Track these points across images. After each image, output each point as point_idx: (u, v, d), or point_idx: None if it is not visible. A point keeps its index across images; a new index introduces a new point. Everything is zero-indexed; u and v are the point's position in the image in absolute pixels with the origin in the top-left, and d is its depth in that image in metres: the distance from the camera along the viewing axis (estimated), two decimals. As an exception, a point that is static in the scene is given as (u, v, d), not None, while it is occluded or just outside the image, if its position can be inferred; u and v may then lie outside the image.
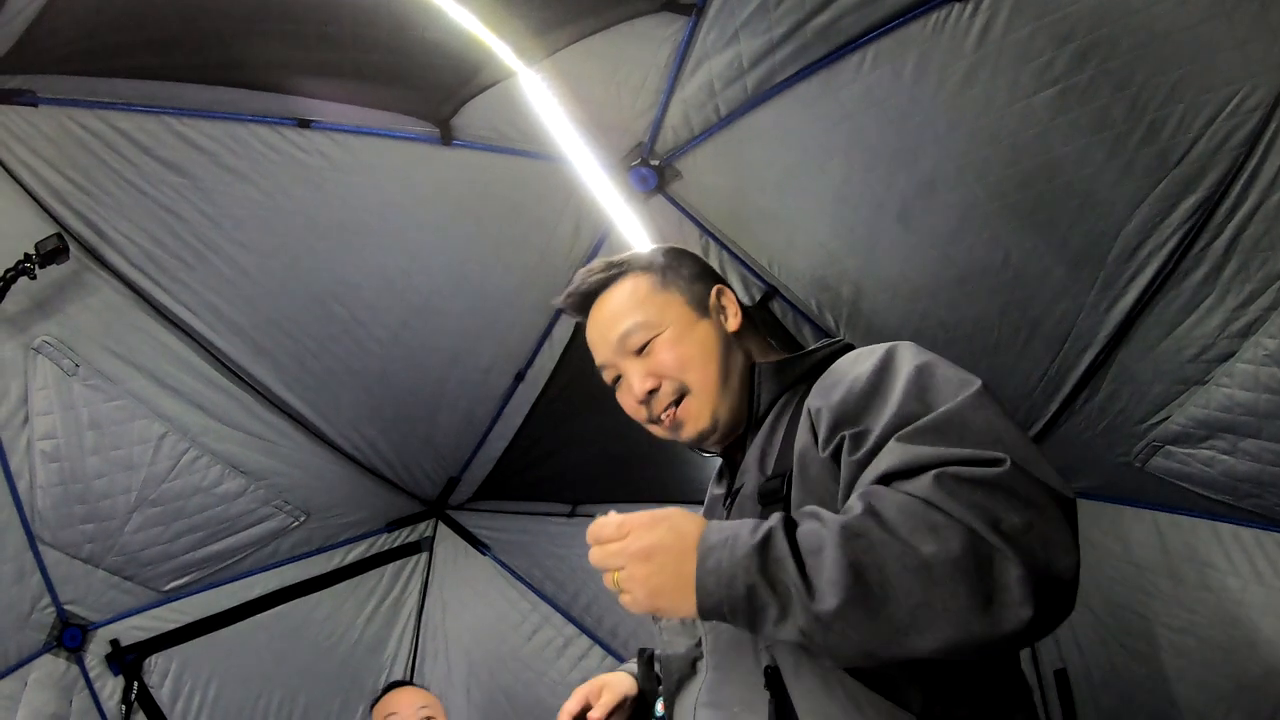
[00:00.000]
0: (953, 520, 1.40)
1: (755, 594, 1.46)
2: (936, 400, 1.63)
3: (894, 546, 1.40)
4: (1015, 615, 1.38)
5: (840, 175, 3.22)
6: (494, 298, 3.92)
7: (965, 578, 1.38)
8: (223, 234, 3.43)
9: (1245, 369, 2.83)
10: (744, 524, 1.53)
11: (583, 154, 3.28)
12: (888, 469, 1.52)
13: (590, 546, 1.62)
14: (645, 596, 1.55)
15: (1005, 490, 1.44)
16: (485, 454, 4.63)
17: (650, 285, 2.16)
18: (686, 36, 3.03)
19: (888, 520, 1.43)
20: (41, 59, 2.89)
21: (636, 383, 2.08)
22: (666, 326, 2.09)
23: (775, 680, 1.67)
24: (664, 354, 2.07)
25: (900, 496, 1.45)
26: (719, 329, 2.12)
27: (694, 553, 1.51)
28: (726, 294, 2.19)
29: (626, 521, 1.57)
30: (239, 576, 4.28)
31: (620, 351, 2.11)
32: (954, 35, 2.72)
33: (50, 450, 3.45)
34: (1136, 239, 2.87)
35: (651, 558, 1.53)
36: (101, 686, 3.85)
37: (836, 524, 1.45)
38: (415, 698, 4.05)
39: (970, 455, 1.49)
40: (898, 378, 1.70)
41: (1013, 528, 1.40)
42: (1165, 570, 3.42)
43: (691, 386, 2.05)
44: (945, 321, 3.39)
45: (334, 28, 2.95)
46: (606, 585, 1.62)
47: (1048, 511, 1.45)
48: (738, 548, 1.48)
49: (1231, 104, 2.50)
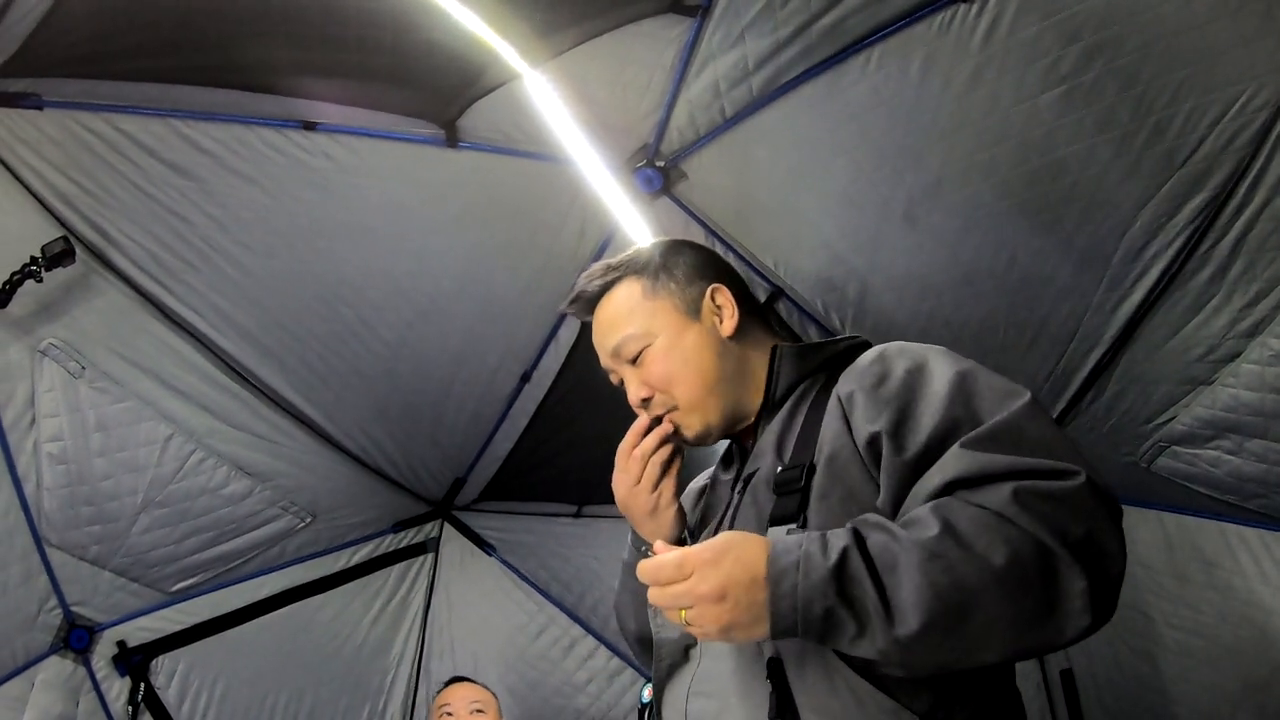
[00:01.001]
0: (1025, 533, 1.43)
1: (833, 615, 1.46)
2: (982, 407, 1.65)
3: (971, 564, 1.43)
4: (1077, 623, 1.44)
5: (846, 175, 3.21)
6: (500, 299, 3.92)
7: (1034, 589, 1.43)
8: (228, 236, 3.43)
9: (1251, 369, 2.82)
10: (812, 541, 1.51)
11: (588, 155, 3.28)
12: (956, 476, 1.54)
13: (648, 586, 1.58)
14: (718, 632, 1.52)
15: (1074, 503, 1.48)
16: (491, 455, 4.63)
17: (642, 292, 2.15)
18: (692, 37, 3.03)
19: (964, 537, 1.45)
20: (47, 62, 2.89)
21: (631, 391, 2.10)
22: (657, 336, 2.08)
23: (777, 672, 1.66)
24: (653, 367, 2.07)
25: (973, 510, 1.47)
26: (711, 333, 2.10)
27: (765, 581, 1.49)
28: (722, 293, 2.14)
29: (687, 560, 1.53)
30: (246, 577, 4.28)
31: (617, 360, 2.13)
32: (960, 35, 2.71)
33: (57, 452, 3.45)
34: (1143, 239, 2.87)
35: (725, 597, 1.50)
36: (108, 688, 3.85)
37: (913, 542, 1.46)
38: (469, 692, 4.18)
39: (1043, 467, 1.52)
40: (939, 381, 1.72)
41: (1078, 540, 1.45)
42: (1171, 570, 3.42)
43: (679, 401, 2.05)
44: (951, 321, 3.39)
45: (338, 30, 2.95)
46: (671, 620, 1.60)
47: (1106, 522, 1.51)
48: (812, 571, 1.47)
49: (1238, 104, 2.49)
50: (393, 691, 4.80)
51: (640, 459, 2.03)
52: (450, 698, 4.14)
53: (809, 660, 1.64)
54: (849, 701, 1.59)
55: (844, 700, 1.60)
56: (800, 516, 1.73)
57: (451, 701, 4.11)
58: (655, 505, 2.06)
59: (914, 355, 1.80)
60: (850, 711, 1.59)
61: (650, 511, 2.07)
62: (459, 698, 4.14)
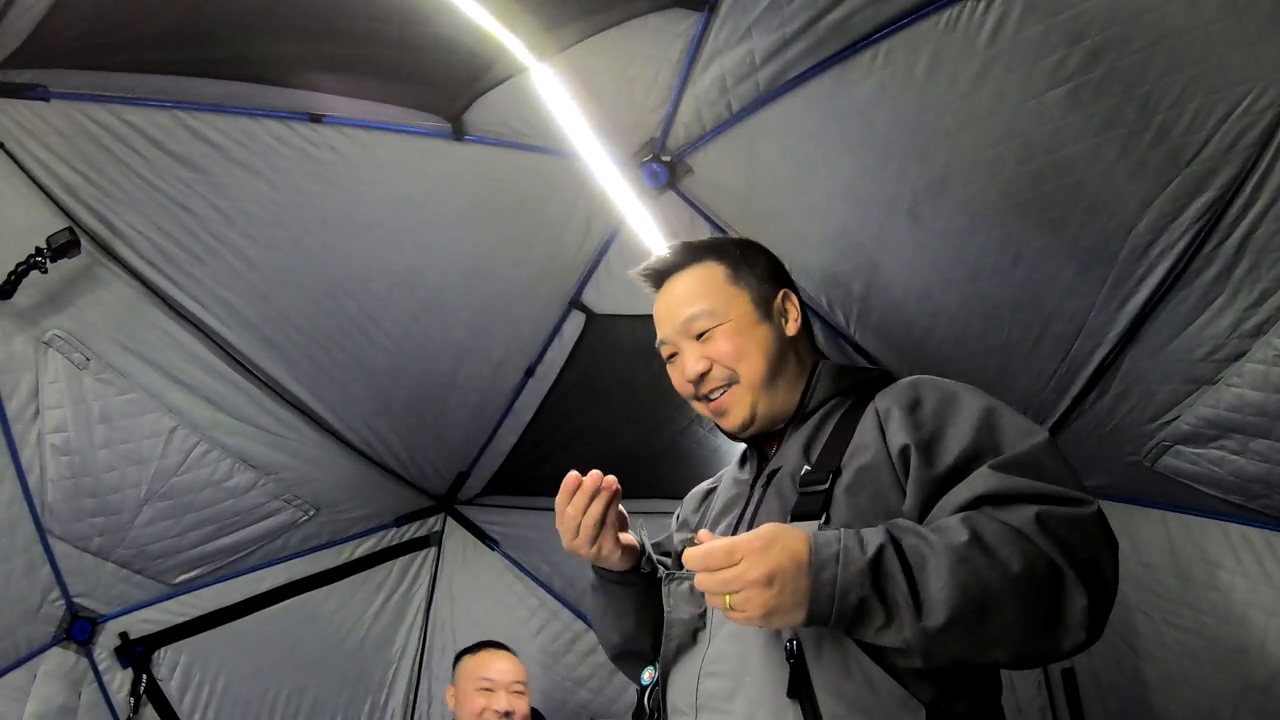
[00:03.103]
0: (1040, 551, 1.62)
1: (866, 605, 1.61)
2: (1004, 439, 1.84)
3: (994, 570, 1.59)
4: (1074, 638, 1.62)
5: (852, 172, 3.22)
6: (505, 293, 3.93)
7: (1044, 599, 1.61)
8: (234, 228, 3.43)
9: (1256, 369, 2.82)
10: (850, 537, 1.66)
11: (594, 149, 3.28)
12: (986, 492, 1.72)
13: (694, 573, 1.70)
14: (761, 617, 1.64)
15: (1085, 529, 1.68)
16: (494, 449, 4.65)
17: (723, 277, 2.29)
18: (699, 32, 3.03)
19: (989, 545, 1.62)
20: (53, 54, 2.89)
21: (690, 363, 2.23)
22: (729, 319, 2.22)
23: (797, 656, 1.77)
24: (722, 342, 2.20)
25: (998, 524, 1.65)
26: (777, 331, 2.26)
27: (808, 570, 1.62)
28: (791, 299, 2.32)
29: (737, 547, 1.63)
30: (248, 570, 4.29)
31: (682, 333, 2.26)
32: (967, 32, 2.71)
33: (60, 444, 3.45)
34: (1148, 238, 2.86)
35: (772, 582, 1.61)
36: (110, 679, 3.86)
37: (944, 546, 1.63)
38: (511, 668, 4.05)
39: (1061, 494, 1.71)
40: (968, 410, 1.90)
41: (1083, 563, 1.64)
42: (1174, 570, 3.42)
43: (741, 377, 2.19)
44: (956, 318, 3.39)
45: (345, 22, 2.95)
46: (713, 604, 1.71)
47: (1108, 551, 1.70)
48: (851, 563, 1.62)
49: (1243, 104, 2.49)
50: (395, 685, 4.81)
51: (574, 517, 2.11)
52: (491, 670, 3.98)
53: (825, 646, 1.77)
54: (862, 685, 1.72)
55: (858, 684, 1.72)
56: (823, 515, 1.87)
57: (493, 676, 3.95)
58: (597, 554, 2.18)
59: (946, 387, 2.00)
60: (863, 694, 1.72)
61: (594, 557, 2.20)
62: (500, 672, 3.98)
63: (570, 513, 2.10)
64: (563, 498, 2.11)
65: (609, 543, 2.16)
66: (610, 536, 2.16)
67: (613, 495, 2.11)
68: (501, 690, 3.91)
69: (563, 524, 2.14)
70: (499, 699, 3.88)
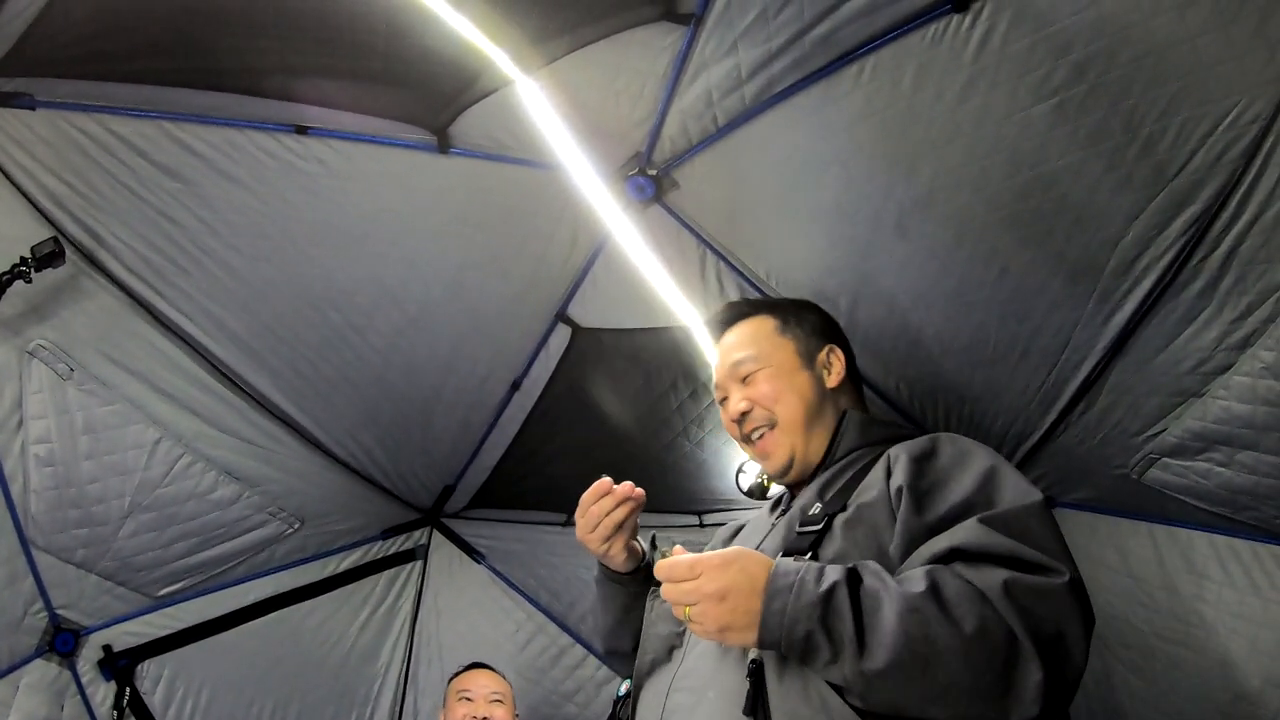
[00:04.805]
0: (1000, 618, 1.64)
1: (812, 639, 1.67)
2: (1001, 496, 1.89)
3: (944, 626, 1.62)
4: (1024, 712, 1.62)
5: (838, 186, 3.22)
6: (491, 306, 3.92)
7: (995, 670, 1.62)
8: (219, 240, 3.42)
9: (1242, 381, 2.82)
10: (809, 570, 1.74)
11: (580, 163, 3.28)
12: (961, 544, 1.77)
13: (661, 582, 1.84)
14: (715, 630, 1.76)
15: (1054, 601, 1.68)
16: (480, 463, 4.63)
17: (772, 328, 2.56)
18: (685, 46, 3.03)
19: (946, 602, 1.65)
20: (39, 62, 2.89)
21: (733, 403, 2.47)
22: (771, 365, 2.46)
23: (757, 673, 1.83)
24: (763, 385, 2.43)
25: (961, 583, 1.69)
26: (817, 381, 2.47)
27: (761, 594, 1.72)
28: (836, 353, 2.54)
29: (699, 563, 1.78)
30: (233, 583, 4.27)
31: (730, 376, 2.51)
32: (953, 47, 2.72)
33: (44, 454, 3.44)
34: (1134, 251, 2.87)
35: (725, 599, 1.73)
36: (94, 692, 3.84)
37: (898, 594, 1.67)
38: (489, 681, 4.21)
39: (1038, 560, 1.73)
40: (975, 468, 1.97)
41: (1047, 637, 1.64)
42: (1162, 582, 3.42)
43: (779, 419, 2.40)
44: (942, 332, 3.39)
45: (332, 34, 2.95)
46: (676, 615, 1.83)
47: (1078, 627, 1.70)
48: (803, 595, 1.70)
49: (1229, 117, 2.49)
50: (380, 699, 4.79)
51: (597, 515, 2.31)
52: (470, 684, 4.15)
53: (788, 669, 1.80)
54: (818, 710, 1.75)
55: (814, 709, 1.76)
56: (809, 553, 1.95)
57: (471, 688, 4.12)
58: (605, 553, 2.39)
59: (963, 445, 2.09)
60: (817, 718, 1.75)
61: (602, 554, 2.41)
62: (479, 685, 4.15)
63: (595, 511, 2.31)
64: (591, 495, 2.33)
65: (619, 545, 2.36)
66: (622, 540, 2.36)
67: (637, 505, 2.30)
68: (480, 700, 4.06)
69: (584, 517, 2.34)
70: (477, 707, 4.03)
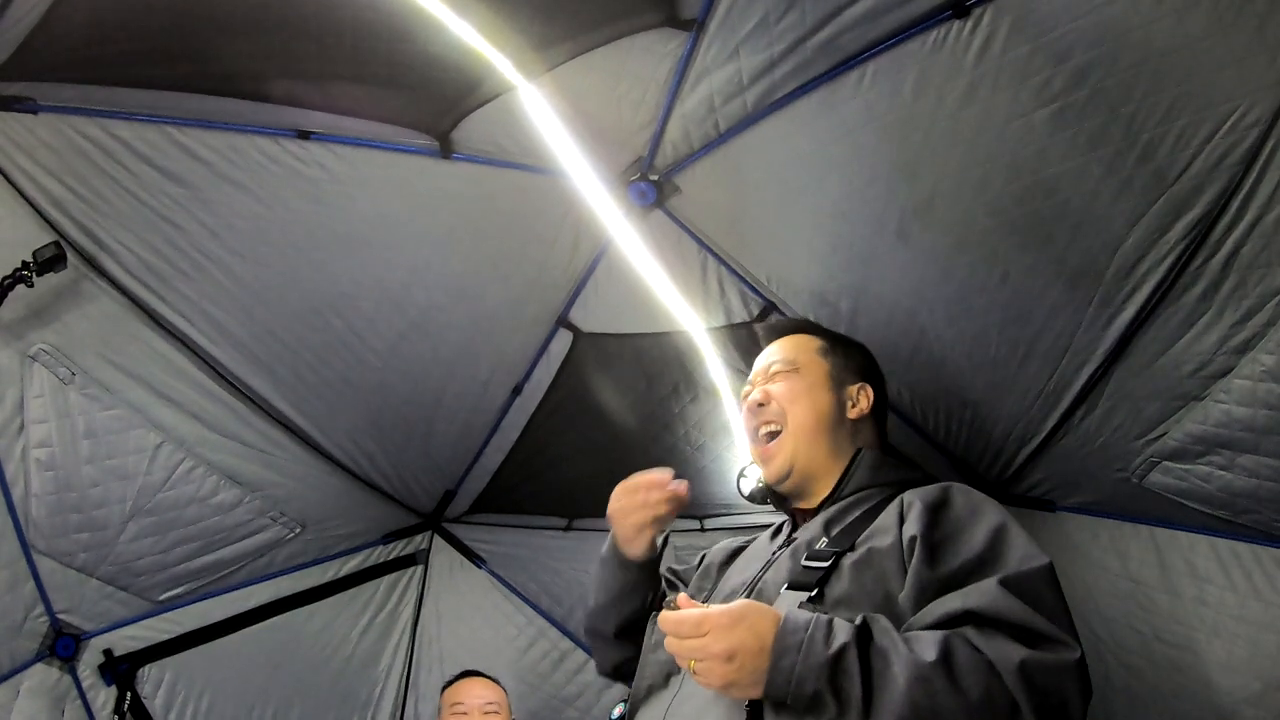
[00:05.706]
0: (1007, 692, 1.66)
1: (820, 698, 1.68)
2: (1009, 556, 1.91)
3: (951, 698, 1.64)
4: None
5: (839, 191, 3.22)
6: (492, 311, 3.93)
7: None
8: (221, 244, 3.43)
9: (1243, 385, 2.82)
10: (818, 628, 1.74)
11: (582, 168, 3.29)
12: (975, 607, 1.78)
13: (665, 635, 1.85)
14: (720, 685, 1.77)
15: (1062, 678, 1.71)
16: (482, 467, 4.63)
17: (815, 347, 2.67)
18: (687, 52, 3.04)
19: (956, 672, 1.67)
20: (42, 66, 2.89)
21: (754, 392, 2.57)
22: (801, 373, 2.55)
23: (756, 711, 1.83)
24: (784, 384, 2.53)
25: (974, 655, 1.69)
26: (838, 406, 2.53)
27: (770, 652, 1.72)
28: (866, 391, 2.61)
29: (706, 620, 1.77)
30: (234, 587, 4.27)
31: (763, 375, 2.62)
32: (954, 52, 2.72)
33: (45, 458, 3.44)
34: (1134, 255, 2.87)
35: (732, 659, 1.73)
36: (94, 697, 3.84)
37: (910, 659, 1.68)
38: (483, 691, 4.17)
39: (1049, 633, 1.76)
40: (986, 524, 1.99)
41: (1050, 710, 1.67)
42: (1163, 586, 3.41)
43: (789, 422, 2.46)
44: (943, 337, 3.39)
45: (335, 40, 2.96)
46: (680, 665, 1.85)
47: (1079, 700, 1.73)
48: (811, 655, 1.70)
49: (1229, 121, 2.50)
50: (381, 704, 4.78)
51: (642, 503, 2.38)
52: (463, 695, 4.11)
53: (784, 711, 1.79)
54: None
55: None
56: (815, 589, 1.96)
57: (465, 700, 4.08)
58: (632, 538, 2.44)
59: (975, 499, 2.10)
60: None
61: (626, 539, 2.46)
62: (473, 695, 4.11)
63: (640, 497, 2.39)
64: (641, 478, 2.42)
65: (647, 536, 2.43)
66: (649, 534, 2.43)
67: (679, 505, 2.37)
68: (475, 711, 4.03)
69: (626, 497, 2.42)
70: (472, 718, 4.01)
